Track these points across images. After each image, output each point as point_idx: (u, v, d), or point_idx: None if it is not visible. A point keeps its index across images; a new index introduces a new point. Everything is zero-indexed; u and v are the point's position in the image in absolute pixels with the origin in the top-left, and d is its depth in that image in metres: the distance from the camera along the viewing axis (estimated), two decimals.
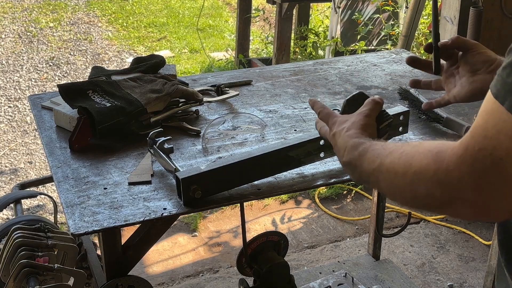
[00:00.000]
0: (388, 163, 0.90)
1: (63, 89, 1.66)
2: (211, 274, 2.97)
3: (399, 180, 0.86)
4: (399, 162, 0.87)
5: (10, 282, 1.51)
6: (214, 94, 1.91)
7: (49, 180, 2.37)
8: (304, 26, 5.28)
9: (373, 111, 1.19)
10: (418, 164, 0.82)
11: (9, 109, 4.72)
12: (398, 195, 0.89)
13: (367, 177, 0.98)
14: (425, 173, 0.80)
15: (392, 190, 0.91)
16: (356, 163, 1.02)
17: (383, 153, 0.94)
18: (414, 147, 0.86)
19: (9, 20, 6.62)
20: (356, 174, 1.04)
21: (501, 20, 3.03)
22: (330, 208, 3.52)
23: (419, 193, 0.82)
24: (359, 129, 1.12)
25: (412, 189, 0.83)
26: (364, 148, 1.02)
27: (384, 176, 0.91)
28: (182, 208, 1.32)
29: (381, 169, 0.92)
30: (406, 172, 0.84)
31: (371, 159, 0.97)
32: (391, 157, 0.90)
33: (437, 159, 0.79)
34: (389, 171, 0.89)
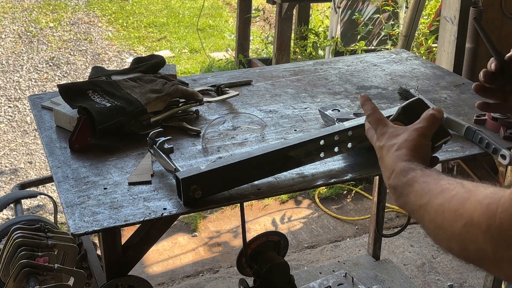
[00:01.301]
0: (437, 205, 0.82)
1: (63, 89, 1.66)
2: (211, 274, 2.97)
3: (447, 228, 0.78)
4: (449, 206, 0.79)
5: (10, 282, 1.51)
6: (214, 94, 1.91)
7: (49, 180, 2.37)
8: (304, 26, 5.28)
9: (431, 129, 1.04)
10: (469, 215, 0.74)
11: (9, 109, 4.72)
12: (444, 242, 0.82)
13: (411, 210, 0.90)
14: (477, 227, 0.72)
15: (438, 235, 0.83)
16: (403, 191, 0.93)
17: (433, 190, 0.85)
18: (466, 191, 0.78)
19: (9, 20, 6.62)
20: (401, 201, 0.95)
21: (501, 20, 3.03)
22: (330, 208, 3.52)
23: (469, 247, 0.75)
24: (411, 151, 0.99)
25: (461, 241, 0.76)
26: (414, 177, 0.92)
27: (431, 218, 0.83)
28: (182, 208, 1.32)
29: (428, 208, 0.84)
30: (456, 221, 0.76)
31: (420, 194, 0.88)
32: (441, 198, 0.81)
33: (488, 213, 0.71)
34: (437, 214, 0.81)
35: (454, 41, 3.05)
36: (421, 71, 2.16)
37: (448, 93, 1.98)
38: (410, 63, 2.24)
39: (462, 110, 1.85)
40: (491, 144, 1.56)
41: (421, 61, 2.29)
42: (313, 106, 1.85)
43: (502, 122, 1.68)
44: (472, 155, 1.60)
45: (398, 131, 1.06)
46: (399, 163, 0.97)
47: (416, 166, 0.94)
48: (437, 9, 4.50)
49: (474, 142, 1.62)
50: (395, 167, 0.97)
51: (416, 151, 0.99)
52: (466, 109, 1.86)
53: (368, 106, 1.16)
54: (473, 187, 0.78)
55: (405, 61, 2.27)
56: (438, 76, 2.12)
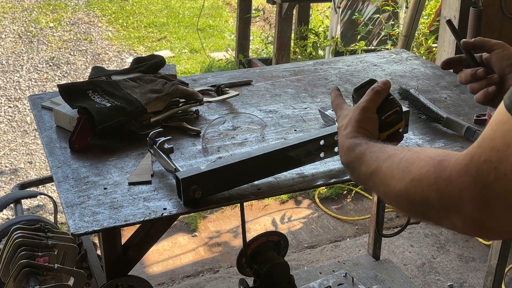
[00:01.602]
0: (386, 167, 0.87)
1: (63, 89, 1.66)
2: (211, 274, 2.97)
3: (396, 185, 0.83)
4: (397, 167, 0.83)
5: (10, 282, 1.51)
6: (214, 94, 1.91)
7: (49, 180, 2.37)
8: (304, 26, 5.28)
9: (372, 102, 1.09)
10: (417, 171, 0.78)
11: (9, 109, 4.72)
12: (393, 200, 0.86)
13: (365, 180, 0.95)
14: (424, 180, 0.77)
15: (388, 195, 0.87)
16: (354, 165, 0.98)
17: (380, 156, 0.90)
18: (415, 152, 0.83)
19: (9, 20, 6.62)
20: (355, 176, 1.00)
21: (501, 20, 3.03)
22: (330, 208, 3.52)
23: (415, 200, 0.79)
24: (355, 127, 1.05)
25: (408, 195, 0.80)
26: (361, 150, 0.97)
27: (381, 180, 0.87)
28: (182, 208, 1.32)
29: (378, 173, 0.89)
30: (404, 177, 0.81)
31: (368, 162, 0.93)
32: (389, 161, 0.87)
33: (439, 167, 0.75)
34: (386, 175, 0.86)
35: (454, 41, 3.05)
36: (421, 71, 2.16)
37: (448, 93, 1.98)
38: (410, 63, 2.24)
39: (462, 110, 1.85)
40: None
41: (421, 61, 2.29)
42: (313, 106, 1.85)
43: None
44: None
45: (347, 112, 1.11)
46: (345, 141, 1.03)
47: (361, 140, 0.99)
48: (437, 9, 4.50)
49: (474, 142, 1.61)
50: (344, 146, 1.03)
51: (360, 126, 1.05)
52: (466, 109, 1.86)
53: (332, 94, 1.22)
54: (421, 149, 0.83)
55: (405, 61, 2.27)
56: (438, 76, 2.12)
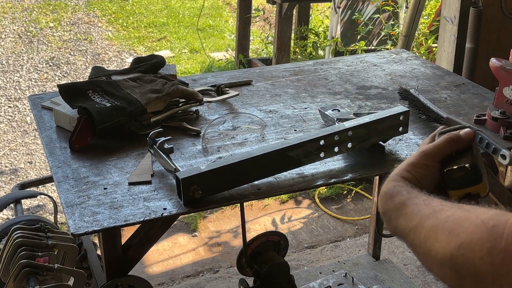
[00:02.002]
0: (429, 226, 0.72)
1: (63, 89, 1.66)
2: (211, 274, 2.97)
3: (439, 250, 0.69)
4: (443, 227, 0.70)
5: (10, 282, 1.51)
6: (214, 94, 1.91)
7: (49, 180, 2.37)
8: (304, 26, 5.28)
9: (438, 148, 0.87)
10: (467, 236, 0.65)
11: (9, 109, 4.72)
12: (435, 267, 0.71)
13: (403, 236, 0.79)
14: (476, 250, 0.64)
15: (429, 259, 0.72)
16: (391, 215, 0.82)
17: (424, 211, 0.75)
18: (465, 211, 0.69)
19: (9, 20, 6.62)
20: (391, 226, 0.83)
21: (501, 20, 3.03)
22: (330, 208, 3.52)
23: (463, 272, 0.66)
24: (403, 170, 0.86)
25: (454, 264, 0.67)
26: (401, 200, 0.81)
27: (422, 241, 0.73)
28: (182, 208, 1.32)
29: (419, 230, 0.74)
30: (450, 242, 0.67)
31: (409, 216, 0.78)
32: (433, 219, 0.72)
33: (493, 235, 0.62)
34: (429, 235, 0.71)
35: (454, 41, 3.05)
36: (421, 71, 2.16)
37: (448, 93, 1.98)
38: (410, 63, 2.24)
39: (462, 110, 1.85)
40: (491, 144, 1.56)
41: (421, 61, 2.29)
42: (313, 106, 1.85)
43: (502, 122, 1.68)
44: None
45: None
46: (385, 185, 0.86)
47: (403, 188, 0.83)
48: (437, 9, 4.50)
49: None
50: (382, 190, 0.86)
51: (408, 170, 0.86)
52: (466, 109, 1.86)
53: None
54: (472, 208, 0.70)
55: (405, 61, 2.27)
56: (438, 76, 2.12)
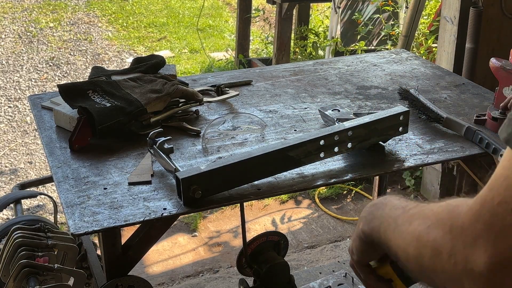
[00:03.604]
0: (409, 215, 0.78)
1: (63, 89, 1.66)
2: (211, 274, 2.97)
3: (410, 231, 0.74)
4: (419, 214, 0.75)
5: (10, 282, 1.51)
6: (214, 94, 1.91)
7: (49, 180, 2.36)
8: (304, 26, 5.28)
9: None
10: (435, 217, 0.70)
11: (9, 109, 4.72)
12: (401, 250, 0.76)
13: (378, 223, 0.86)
14: (440, 228, 0.68)
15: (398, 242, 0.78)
16: (380, 206, 0.88)
17: (410, 205, 0.81)
18: (440, 201, 0.74)
19: (9, 20, 6.62)
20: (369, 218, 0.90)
21: (501, 20, 3.03)
22: (330, 208, 3.52)
23: (425, 251, 0.69)
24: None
25: (418, 244, 0.71)
26: (398, 198, 0.88)
27: (397, 225, 0.79)
28: (182, 208, 1.32)
29: (399, 219, 0.79)
30: (420, 224, 0.72)
31: (395, 207, 0.83)
32: (414, 209, 0.78)
33: (453, 214, 0.67)
34: (405, 221, 0.77)
35: (454, 41, 3.05)
36: (421, 71, 2.16)
37: (448, 93, 1.98)
38: (410, 63, 2.24)
39: (462, 110, 1.85)
40: (491, 144, 1.56)
41: (421, 61, 2.29)
42: (313, 106, 1.85)
43: (502, 122, 1.68)
44: (472, 155, 1.60)
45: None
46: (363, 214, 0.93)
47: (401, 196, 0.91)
48: (437, 9, 4.50)
49: (474, 142, 1.62)
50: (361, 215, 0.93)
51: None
52: (466, 109, 1.86)
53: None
54: (448, 199, 0.74)
55: (405, 61, 2.27)
56: (438, 76, 2.12)
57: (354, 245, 0.97)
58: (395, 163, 1.55)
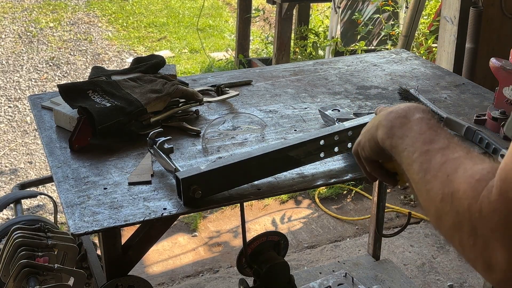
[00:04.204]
0: (435, 161, 0.75)
1: (63, 89, 1.66)
2: (211, 274, 2.97)
3: (433, 188, 0.72)
4: (446, 167, 0.73)
5: (10, 282, 1.51)
6: (214, 94, 1.91)
7: (49, 180, 2.37)
8: (304, 26, 5.28)
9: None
10: (457, 186, 0.68)
11: (9, 109, 4.72)
12: (423, 198, 0.75)
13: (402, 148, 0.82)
14: (461, 203, 0.67)
15: (421, 190, 0.76)
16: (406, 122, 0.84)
17: (439, 142, 0.78)
18: (466, 158, 0.72)
19: (9, 20, 6.62)
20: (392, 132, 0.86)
21: (501, 20, 3.03)
22: (330, 208, 3.52)
23: (445, 218, 0.69)
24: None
25: (441, 208, 0.70)
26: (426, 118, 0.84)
27: (423, 168, 0.76)
28: (182, 208, 1.32)
29: (424, 157, 0.77)
30: (445, 186, 0.70)
31: (423, 138, 0.80)
32: (442, 155, 0.75)
33: (475, 191, 0.65)
34: (430, 168, 0.75)
35: (454, 41, 3.05)
36: (421, 71, 2.16)
37: (448, 93, 1.98)
38: (410, 63, 2.24)
39: (462, 110, 1.85)
40: (491, 144, 1.56)
41: (421, 61, 2.29)
42: (313, 106, 1.85)
43: (502, 122, 1.68)
44: None
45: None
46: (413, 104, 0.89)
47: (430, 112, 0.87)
48: (437, 9, 4.50)
49: (474, 142, 1.62)
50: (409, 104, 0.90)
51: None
52: (466, 109, 1.86)
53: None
54: (474, 156, 0.73)
55: (405, 61, 2.27)
56: (438, 76, 2.12)
57: (368, 144, 0.95)
58: None
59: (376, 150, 0.93)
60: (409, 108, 0.87)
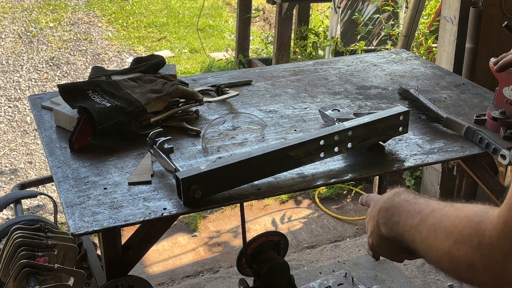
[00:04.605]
0: (429, 225, 0.83)
1: (63, 89, 1.66)
2: (211, 274, 2.97)
3: (439, 246, 0.80)
4: (440, 225, 0.81)
5: (10, 282, 1.51)
6: (214, 94, 1.91)
7: (49, 180, 2.36)
8: (304, 26, 5.28)
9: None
10: (459, 233, 0.76)
11: (9, 109, 4.72)
12: (435, 261, 0.83)
13: (402, 231, 0.92)
14: (468, 244, 0.74)
15: (430, 254, 0.83)
16: (395, 211, 0.95)
17: (425, 210, 0.87)
18: (455, 210, 0.80)
19: (9, 20, 6.62)
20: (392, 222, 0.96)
21: (501, 20, 3.02)
22: (330, 208, 3.52)
23: (460, 264, 0.76)
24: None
25: (452, 258, 0.77)
26: (406, 198, 0.95)
27: (423, 237, 0.84)
28: (182, 208, 1.32)
29: (420, 228, 0.86)
30: (447, 238, 0.78)
31: (411, 214, 0.90)
32: (432, 218, 0.84)
33: (479, 231, 0.72)
34: (429, 233, 0.83)
35: (454, 41, 3.05)
36: (421, 71, 2.16)
37: (448, 93, 1.98)
38: (410, 63, 2.24)
39: (462, 110, 1.85)
40: (491, 144, 1.56)
41: (421, 61, 2.29)
42: (313, 106, 1.85)
43: (502, 122, 1.68)
44: (472, 155, 1.60)
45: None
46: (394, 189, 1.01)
47: (407, 191, 0.99)
48: (437, 9, 4.50)
49: (474, 142, 1.62)
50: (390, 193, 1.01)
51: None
52: (466, 109, 1.86)
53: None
54: (461, 206, 0.81)
55: (405, 61, 2.27)
56: (438, 76, 2.12)
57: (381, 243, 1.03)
58: (395, 163, 1.55)
59: (389, 244, 1.03)
60: (389, 197, 0.99)
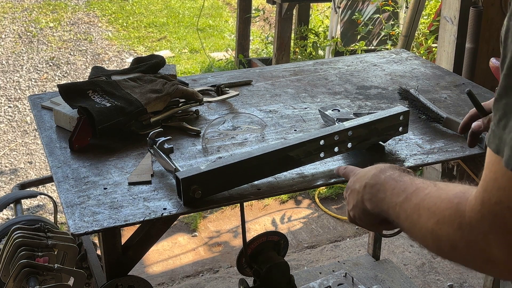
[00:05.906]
0: (413, 204, 0.86)
1: (63, 89, 1.66)
2: (211, 274, 2.97)
3: (423, 225, 0.82)
4: (423, 204, 0.83)
5: (10, 282, 1.51)
6: (214, 94, 1.91)
7: (49, 180, 2.36)
8: (304, 26, 5.28)
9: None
10: (440, 213, 0.78)
11: (9, 109, 4.72)
12: (419, 238, 0.85)
13: (387, 208, 0.94)
14: (449, 224, 0.77)
15: (414, 232, 0.86)
16: (380, 188, 0.98)
17: (409, 188, 0.90)
18: (438, 190, 0.83)
19: (9, 20, 6.62)
20: (377, 198, 0.99)
21: (501, 20, 3.03)
22: (330, 208, 3.52)
23: (442, 243, 0.78)
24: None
25: (435, 237, 0.79)
26: (392, 175, 0.98)
27: (407, 215, 0.87)
28: (182, 208, 1.32)
29: (404, 206, 0.88)
30: (430, 218, 0.80)
31: (396, 192, 0.93)
32: (416, 197, 0.86)
33: (459, 212, 0.75)
34: (413, 212, 0.85)
35: (454, 41, 3.05)
36: (421, 71, 2.16)
37: (448, 93, 1.98)
38: (410, 63, 2.24)
39: (462, 110, 1.85)
40: None
41: (421, 61, 2.29)
42: (313, 106, 1.85)
43: None
44: (472, 155, 1.60)
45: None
46: (380, 166, 1.05)
47: (393, 167, 1.02)
48: (437, 9, 4.50)
49: None
50: (375, 166, 1.06)
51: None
52: (466, 109, 1.86)
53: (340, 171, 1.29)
54: (444, 185, 0.83)
55: (405, 61, 2.27)
56: (438, 76, 2.12)
57: (364, 217, 1.09)
58: (395, 163, 1.54)
59: (372, 218, 1.07)
60: (375, 174, 1.03)
